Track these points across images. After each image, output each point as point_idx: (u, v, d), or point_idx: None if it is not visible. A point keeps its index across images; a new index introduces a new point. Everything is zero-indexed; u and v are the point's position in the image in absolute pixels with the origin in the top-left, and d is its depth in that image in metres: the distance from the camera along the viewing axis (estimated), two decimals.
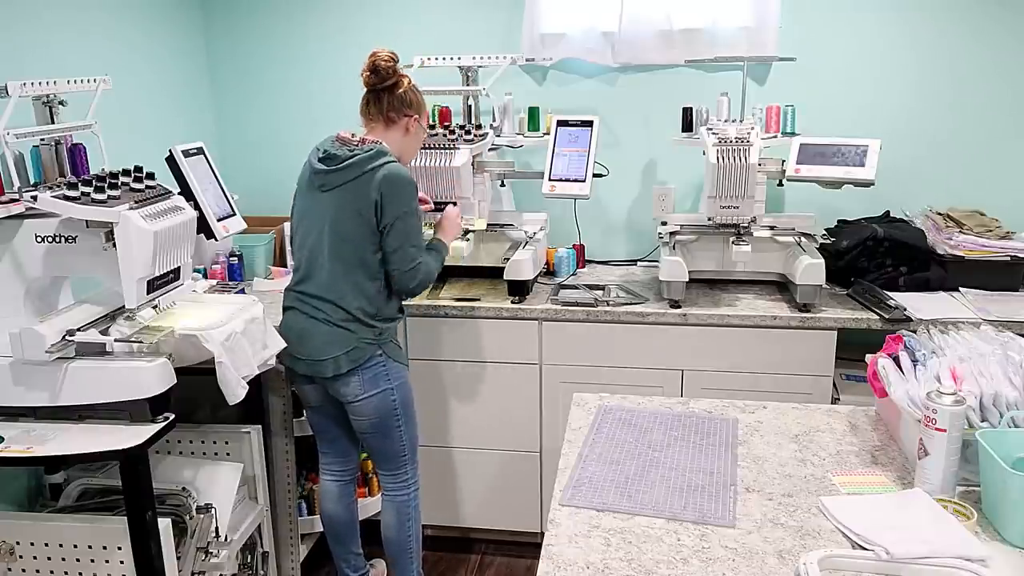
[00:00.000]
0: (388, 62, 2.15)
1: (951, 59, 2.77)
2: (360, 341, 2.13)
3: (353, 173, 2.08)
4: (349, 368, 2.13)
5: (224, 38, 3.18)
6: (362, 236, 2.10)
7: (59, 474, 2.16)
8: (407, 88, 2.19)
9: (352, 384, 2.16)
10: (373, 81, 2.16)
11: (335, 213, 2.10)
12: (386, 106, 2.17)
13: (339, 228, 2.10)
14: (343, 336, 2.12)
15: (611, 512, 1.40)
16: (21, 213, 1.81)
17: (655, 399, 1.87)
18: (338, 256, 2.11)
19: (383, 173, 2.08)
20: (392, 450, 2.28)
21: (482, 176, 2.61)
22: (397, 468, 2.31)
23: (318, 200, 2.13)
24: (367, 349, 2.15)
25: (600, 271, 2.96)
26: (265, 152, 3.26)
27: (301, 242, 2.19)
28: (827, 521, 1.35)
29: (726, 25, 2.82)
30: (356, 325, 2.13)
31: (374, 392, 2.17)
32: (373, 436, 2.26)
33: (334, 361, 2.12)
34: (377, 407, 2.19)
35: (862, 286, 2.53)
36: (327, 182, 2.11)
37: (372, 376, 2.16)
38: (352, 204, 2.08)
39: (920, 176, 2.85)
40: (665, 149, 2.96)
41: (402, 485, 2.33)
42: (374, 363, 2.16)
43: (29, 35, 2.30)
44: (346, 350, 2.12)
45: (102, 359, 1.78)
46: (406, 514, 2.34)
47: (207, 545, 2.01)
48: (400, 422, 2.25)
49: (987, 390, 1.45)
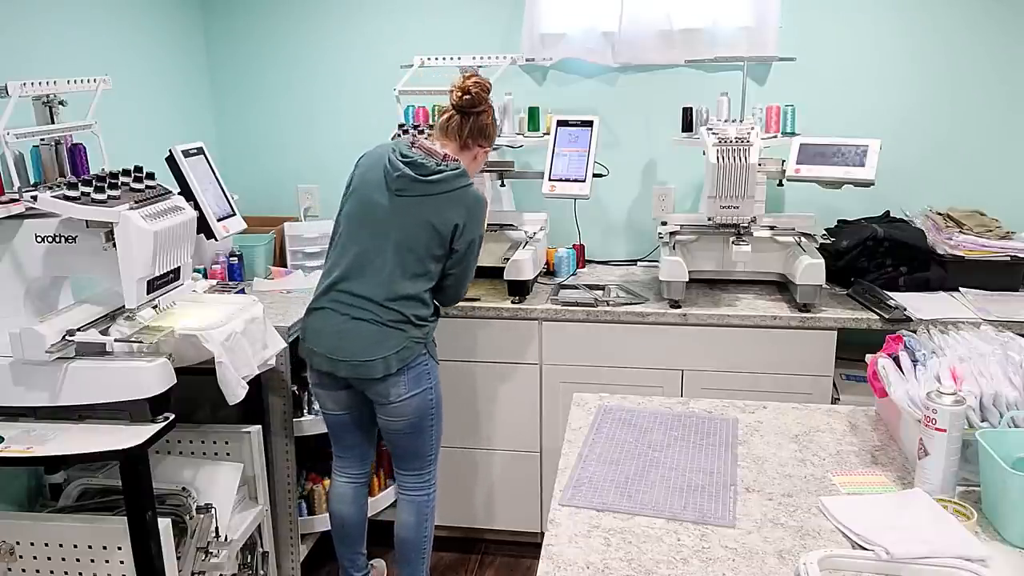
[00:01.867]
0: (484, 91, 2.17)
1: (951, 59, 2.77)
2: (408, 340, 2.12)
3: (440, 188, 2.09)
4: (399, 367, 2.11)
5: (224, 38, 3.18)
6: (429, 248, 2.10)
7: (59, 474, 2.16)
8: (491, 121, 2.22)
9: (399, 384, 2.14)
10: (463, 103, 2.15)
11: (408, 220, 2.09)
12: (468, 131, 2.17)
13: (409, 234, 2.09)
14: (393, 335, 2.10)
15: (611, 512, 1.40)
16: (21, 213, 1.81)
17: (655, 399, 1.87)
18: (401, 261, 2.10)
19: (472, 196, 2.13)
20: (422, 450, 2.27)
21: (482, 176, 2.61)
22: (423, 468, 2.30)
23: (391, 203, 2.10)
24: (415, 348, 2.14)
25: (600, 271, 2.96)
26: (265, 152, 3.26)
27: (351, 240, 2.14)
28: (827, 521, 1.35)
29: (726, 25, 2.82)
30: (407, 325, 2.12)
31: (417, 392, 2.17)
32: (406, 436, 2.24)
33: (384, 361, 2.09)
34: (417, 407, 2.18)
35: (862, 286, 2.53)
36: (409, 188, 2.09)
37: (416, 375, 2.16)
38: (432, 216, 2.08)
39: (920, 176, 2.85)
40: (665, 149, 2.96)
41: (424, 485, 2.32)
42: (419, 362, 2.16)
43: (29, 35, 2.30)
44: (396, 349, 2.10)
45: (102, 359, 1.78)
46: (425, 515, 2.34)
47: (207, 545, 2.01)
48: (433, 421, 2.25)
49: (987, 390, 1.45)
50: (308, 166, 3.23)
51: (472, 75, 2.20)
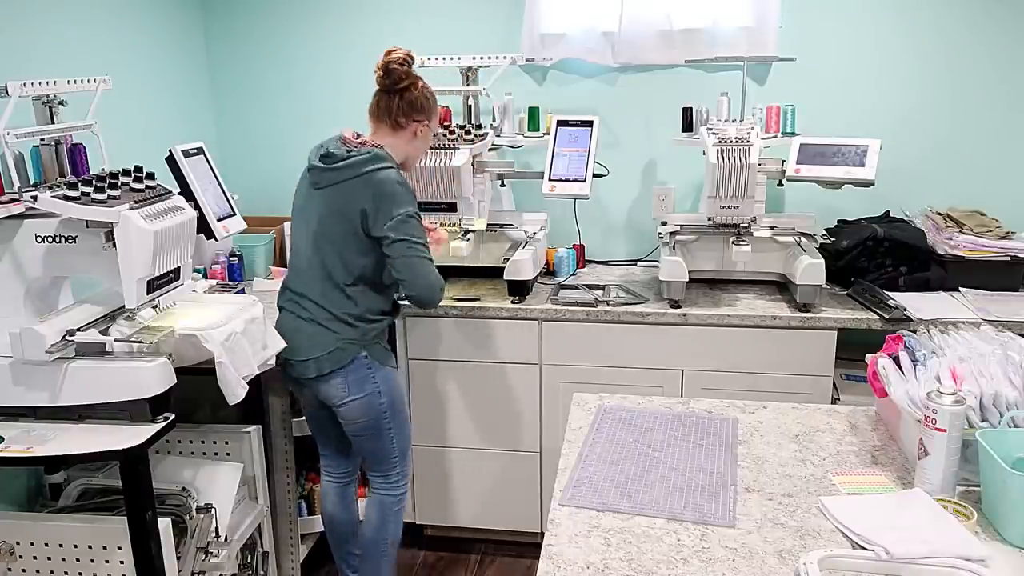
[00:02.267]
0: (402, 64, 2.10)
1: (951, 59, 2.77)
2: (341, 341, 2.09)
3: (346, 175, 2.05)
4: (331, 369, 2.09)
5: (224, 38, 3.18)
6: (345, 237, 2.06)
7: (59, 474, 2.15)
8: (420, 93, 2.14)
9: (336, 386, 2.12)
10: (385, 83, 2.12)
11: (323, 211, 2.08)
12: (395, 110, 2.12)
13: (324, 227, 2.08)
14: (326, 336, 2.09)
15: (611, 512, 1.40)
16: (21, 213, 1.81)
17: (655, 399, 1.87)
18: (322, 256, 2.09)
19: (379, 179, 2.02)
20: (383, 452, 2.25)
21: (482, 176, 2.61)
22: (388, 469, 2.28)
23: (311, 197, 2.12)
24: (350, 350, 2.10)
25: (600, 271, 2.96)
26: (265, 152, 3.26)
27: (293, 240, 2.19)
28: (827, 521, 1.35)
29: (726, 25, 2.82)
30: (339, 325, 2.09)
31: (360, 395, 2.13)
32: (363, 438, 2.23)
33: (316, 362, 2.09)
34: (365, 411, 2.16)
35: (862, 286, 2.53)
36: (320, 180, 2.09)
37: (358, 379, 2.12)
38: (339, 205, 2.05)
39: (920, 176, 2.85)
40: (665, 149, 2.96)
41: (392, 486, 2.30)
42: (358, 365, 2.12)
43: (29, 35, 2.30)
44: (328, 351, 2.09)
45: (102, 359, 1.78)
46: (389, 514, 2.31)
47: (207, 545, 2.01)
48: (390, 425, 2.21)
49: (987, 390, 1.45)
50: None
51: (393, 50, 2.12)
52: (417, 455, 2.74)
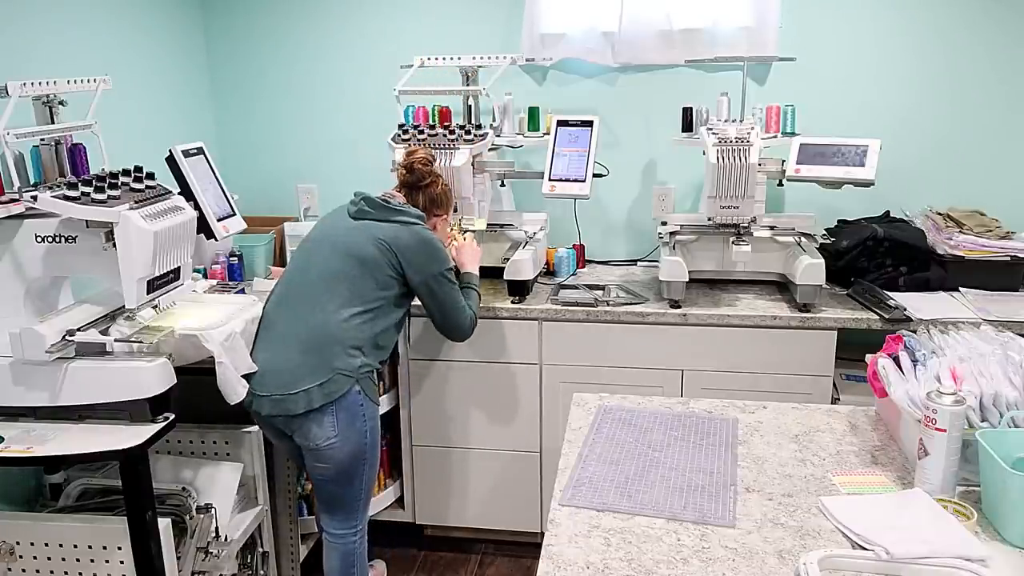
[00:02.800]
0: (425, 165, 2.22)
1: (951, 59, 2.77)
2: (336, 373, 1.98)
3: (398, 218, 2.11)
4: (321, 404, 1.96)
5: (224, 38, 3.18)
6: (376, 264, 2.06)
7: (59, 474, 2.15)
8: (441, 191, 2.25)
9: (324, 424, 1.98)
10: (409, 179, 2.22)
11: (363, 236, 2.08)
12: (422, 204, 2.22)
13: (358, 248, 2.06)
14: (318, 365, 1.97)
15: (611, 512, 1.40)
16: (21, 213, 1.81)
17: (655, 399, 1.87)
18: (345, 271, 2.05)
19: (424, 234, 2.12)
20: (349, 497, 2.13)
21: (482, 176, 2.61)
22: (349, 514, 2.16)
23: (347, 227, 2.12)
24: (342, 382, 1.98)
25: (600, 271, 2.96)
26: (265, 152, 3.26)
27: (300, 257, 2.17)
28: (827, 521, 1.35)
29: (726, 25, 2.82)
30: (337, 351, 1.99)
31: (348, 434, 2.01)
32: (333, 483, 2.09)
33: (306, 395, 1.95)
34: (348, 451, 2.03)
35: (862, 286, 2.53)
36: (371, 213, 2.12)
37: (348, 415, 2.01)
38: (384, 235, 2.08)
39: (920, 176, 2.85)
40: (665, 149, 2.96)
41: (350, 531, 2.17)
42: (351, 400, 2.00)
43: (29, 35, 2.30)
44: (319, 382, 1.96)
45: (102, 359, 1.78)
46: (351, 560, 2.20)
47: (207, 545, 2.01)
48: (365, 467, 2.10)
49: (987, 390, 1.45)
50: (308, 166, 3.23)
51: (415, 150, 2.26)
52: (417, 455, 2.74)
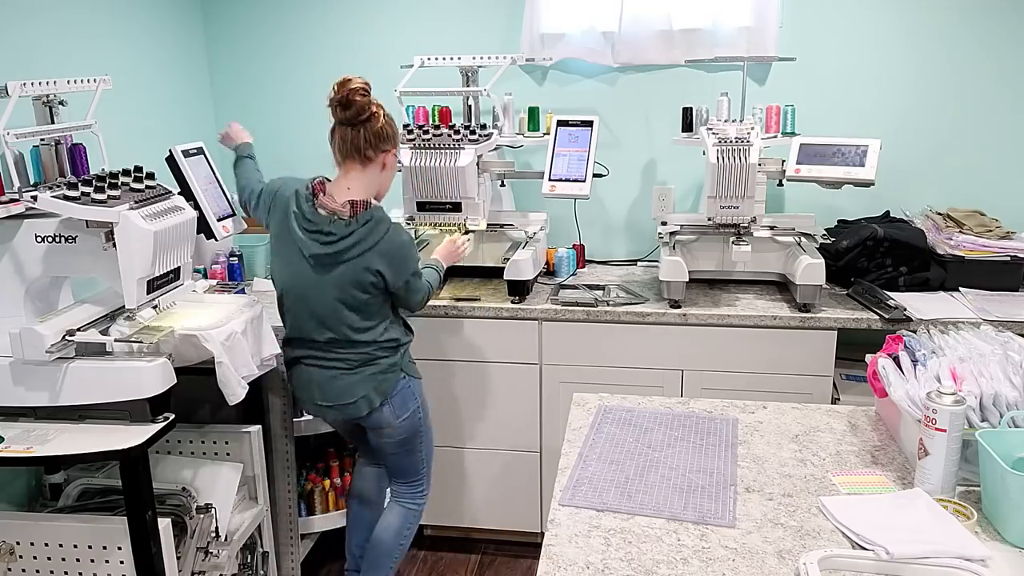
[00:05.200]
0: (363, 95, 1.97)
1: (951, 59, 2.77)
2: (383, 373, 2.11)
3: (354, 253, 1.99)
4: (380, 402, 2.12)
5: (224, 38, 3.18)
6: (367, 292, 2.04)
7: (59, 474, 2.15)
8: (384, 122, 2.02)
9: (386, 413, 2.15)
10: (345, 115, 1.98)
11: (339, 282, 2.02)
12: (363, 144, 2.00)
13: (343, 292, 2.02)
14: (367, 372, 2.10)
15: (611, 512, 1.40)
16: (21, 213, 1.81)
17: (655, 399, 1.87)
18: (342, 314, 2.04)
19: (391, 244, 2.01)
20: (414, 465, 2.30)
21: (483, 176, 2.61)
22: (416, 481, 2.33)
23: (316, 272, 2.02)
24: (391, 377, 2.13)
25: (600, 271, 2.96)
26: (265, 152, 3.24)
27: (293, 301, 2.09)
28: (827, 521, 1.35)
29: (726, 25, 2.82)
30: (379, 359, 2.10)
31: (406, 415, 2.18)
32: (398, 455, 2.27)
33: (366, 400, 2.10)
34: (407, 427, 2.20)
35: (862, 286, 2.53)
36: (328, 260, 2.00)
37: (401, 400, 2.16)
38: (357, 275, 2.01)
39: (920, 176, 2.85)
40: (665, 149, 2.96)
41: (417, 496, 2.35)
42: (400, 387, 2.15)
43: (29, 35, 2.30)
44: (373, 386, 2.10)
45: (102, 359, 1.78)
46: (409, 523, 2.35)
47: (207, 545, 2.01)
48: (423, 437, 2.27)
49: (987, 390, 1.45)
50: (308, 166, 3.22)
51: (348, 79, 1.98)
52: None
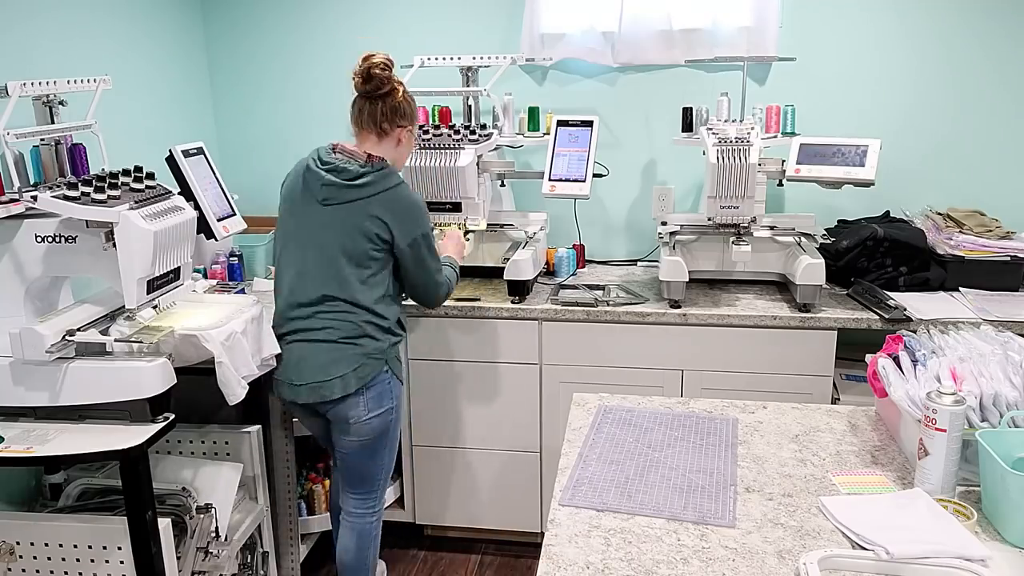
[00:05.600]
0: (384, 70, 2.01)
1: (951, 59, 2.77)
2: (367, 357, 2.05)
3: (368, 191, 2.00)
4: (356, 388, 2.05)
5: (224, 38, 3.18)
6: (368, 252, 2.02)
7: (59, 474, 2.15)
8: (402, 98, 2.07)
9: (356, 404, 2.07)
10: (366, 88, 2.03)
11: (343, 228, 2.01)
12: (380, 117, 2.05)
13: (345, 243, 2.01)
14: (349, 352, 2.04)
15: (611, 512, 1.40)
16: (21, 213, 1.81)
17: (655, 399, 1.87)
18: (340, 272, 2.02)
19: (400, 196, 2.03)
20: (371, 472, 2.19)
21: (483, 176, 2.61)
22: (370, 491, 2.22)
23: (318, 214, 2.03)
24: (374, 365, 2.06)
25: (600, 271, 2.96)
26: (265, 152, 3.26)
27: (289, 261, 2.07)
28: (827, 521, 1.35)
29: (726, 25, 2.82)
30: (363, 339, 2.04)
31: (378, 412, 2.09)
32: (358, 456, 2.16)
33: (342, 380, 2.03)
34: (375, 428, 2.11)
35: (862, 286, 2.53)
36: (336, 196, 2.01)
37: (377, 395, 2.08)
38: (363, 221, 2.00)
39: (920, 176, 2.85)
40: (665, 149, 2.96)
41: (369, 510, 2.24)
42: (380, 380, 2.08)
43: (30, 35, 2.30)
44: (354, 367, 2.03)
45: (102, 359, 1.78)
46: (367, 540, 2.25)
47: (207, 545, 2.01)
48: (388, 443, 2.18)
49: (987, 390, 1.45)
50: None
51: (371, 54, 2.02)
52: (417, 455, 2.74)
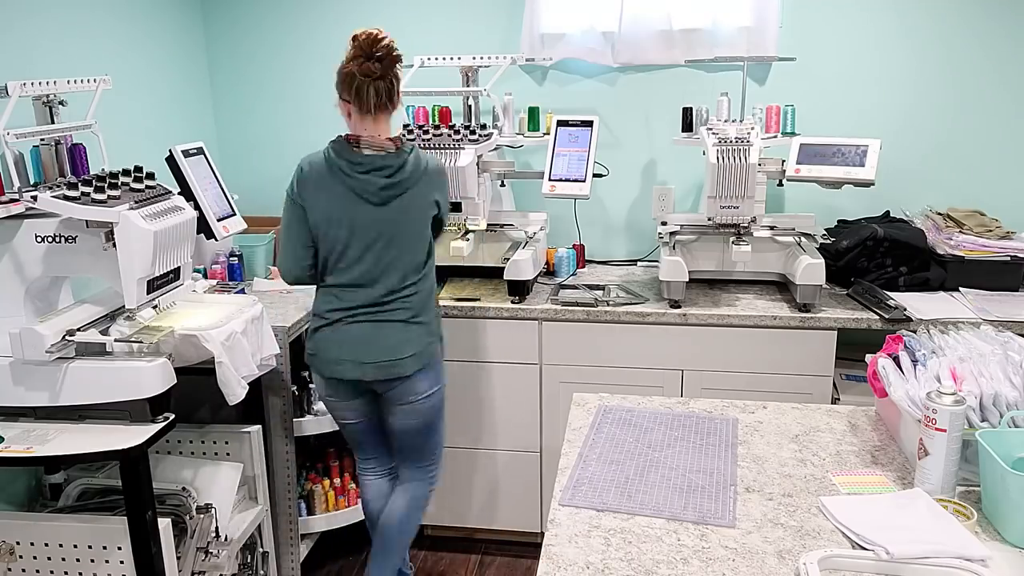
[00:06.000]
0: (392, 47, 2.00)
1: (951, 59, 2.77)
2: (432, 336, 2.15)
3: (413, 180, 2.06)
4: (423, 364, 2.12)
5: (224, 38, 3.18)
6: (419, 233, 2.10)
7: (59, 474, 2.16)
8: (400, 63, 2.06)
9: (422, 381, 2.14)
10: (377, 68, 1.97)
11: (395, 217, 2.05)
12: (395, 93, 2.04)
13: (400, 229, 2.06)
14: (417, 332, 2.11)
15: (611, 512, 1.39)
16: (21, 213, 1.81)
17: (655, 399, 1.87)
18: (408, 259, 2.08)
19: (433, 169, 2.12)
20: (430, 445, 2.28)
21: (483, 176, 2.61)
22: (430, 463, 2.30)
23: (377, 212, 2.03)
24: (434, 343, 2.16)
25: (600, 271, 2.96)
26: (265, 152, 3.26)
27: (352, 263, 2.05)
28: (827, 521, 1.35)
29: (726, 25, 2.82)
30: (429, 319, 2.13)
31: (438, 387, 2.19)
32: (420, 435, 2.22)
33: (414, 358, 2.09)
34: (435, 403, 2.20)
35: (862, 286, 2.53)
36: (391, 195, 2.04)
37: (435, 372, 2.18)
38: (415, 206, 2.08)
39: (920, 176, 2.85)
40: (665, 149, 2.96)
41: (429, 479, 2.32)
42: (437, 359, 2.18)
43: (30, 35, 2.30)
44: (422, 347, 2.12)
45: (102, 359, 1.78)
46: (419, 507, 2.31)
47: (207, 545, 2.01)
48: (443, 415, 2.28)
49: (987, 390, 1.45)
50: None
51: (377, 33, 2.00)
52: None
